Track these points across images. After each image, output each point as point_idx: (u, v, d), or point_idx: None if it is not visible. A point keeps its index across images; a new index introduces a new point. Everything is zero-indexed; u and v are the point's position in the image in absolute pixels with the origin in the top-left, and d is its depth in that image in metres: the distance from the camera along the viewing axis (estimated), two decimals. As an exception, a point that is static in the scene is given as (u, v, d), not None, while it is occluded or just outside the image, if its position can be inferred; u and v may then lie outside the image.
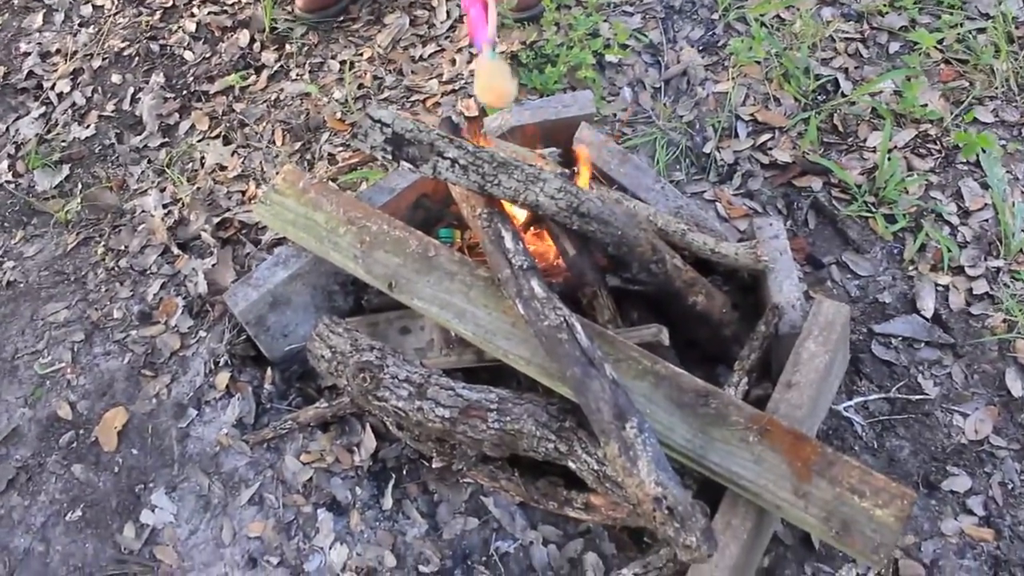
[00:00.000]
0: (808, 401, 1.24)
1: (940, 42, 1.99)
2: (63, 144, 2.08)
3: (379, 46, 2.15)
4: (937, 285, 1.64)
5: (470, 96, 1.52)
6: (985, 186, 1.76)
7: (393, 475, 1.48)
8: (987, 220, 1.72)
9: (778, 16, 2.09)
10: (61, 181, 2.02)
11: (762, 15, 2.08)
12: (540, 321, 1.19)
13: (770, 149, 1.86)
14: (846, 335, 1.37)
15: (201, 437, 1.55)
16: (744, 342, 1.41)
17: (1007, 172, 1.77)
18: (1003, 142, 1.82)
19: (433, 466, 1.44)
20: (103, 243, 1.86)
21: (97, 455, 1.56)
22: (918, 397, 1.52)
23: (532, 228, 1.45)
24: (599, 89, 1.94)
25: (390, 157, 1.31)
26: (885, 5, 2.08)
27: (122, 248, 1.85)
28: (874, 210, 1.74)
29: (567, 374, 1.15)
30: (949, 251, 1.65)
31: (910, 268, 1.66)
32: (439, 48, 2.13)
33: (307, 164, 1.93)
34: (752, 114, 1.91)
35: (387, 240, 1.42)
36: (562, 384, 1.21)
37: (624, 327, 1.36)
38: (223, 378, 1.59)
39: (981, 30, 2.00)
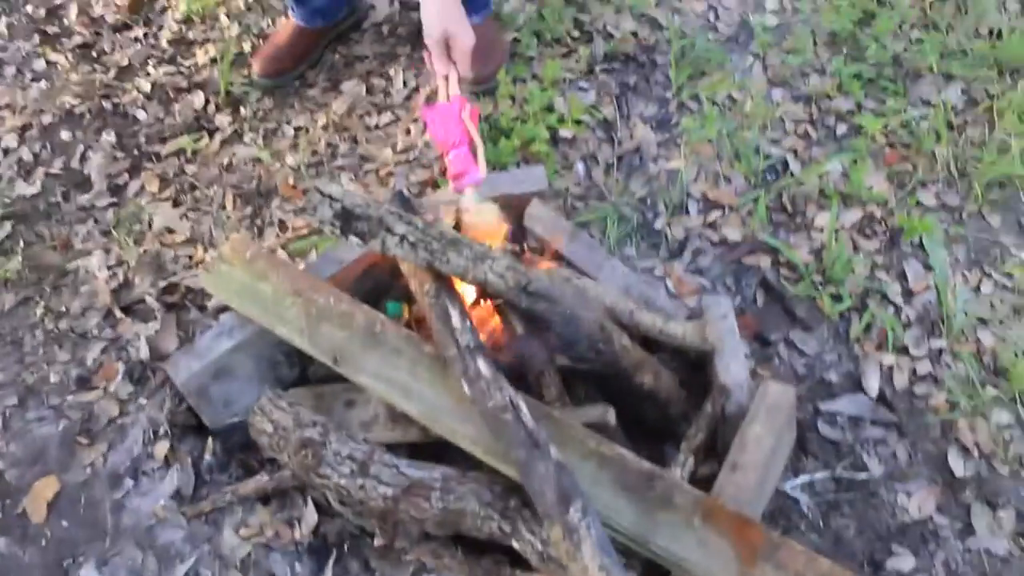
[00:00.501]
0: (754, 484, 1.24)
1: (885, 126, 2.05)
2: (6, 200, 2.04)
3: (334, 113, 2.16)
4: (882, 364, 1.67)
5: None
6: (928, 267, 1.81)
7: (334, 551, 1.45)
8: (930, 301, 1.77)
9: (730, 96, 2.15)
10: (2, 239, 1.97)
11: (714, 94, 2.13)
12: (486, 401, 1.19)
13: (720, 226, 1.89)
14: (792, 417, 1.39)
15: (137, 509, 1.51)
16: (691, 420, 1.43)
17: (949, 254, 1.83)
18: (945, 225, 1.88)
19: (375, 543, 1.41)
20: (43, 304, 1.83)
21: (24, 527, 1.50)
22: (863, 476, 1.53)
23: (481, 303, 1.46)
24: (552, 163, 1.97)
25: (339, 232, 1.32)
26: (833, 89, 2.15)
27: (62, 310, 1.81)
28: (821, 289, 1.78)
29: (512, 456, 1.15)
30: (893, 331, 1.69)
31: (856, 347, 1.69)
32: (394, 117, 2.15)
33: (257, 229, 1.93)
34: (703, 192, 1.95)
35: (333, 314, 1.41)
36: (507, 464, 1.20)
37: (571, 406, 1.36)
38: (162, 448, 1.56)
39: (923, 117, 2.08)
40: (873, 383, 1.63)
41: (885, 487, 1.52)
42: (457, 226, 1.51)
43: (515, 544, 1.19)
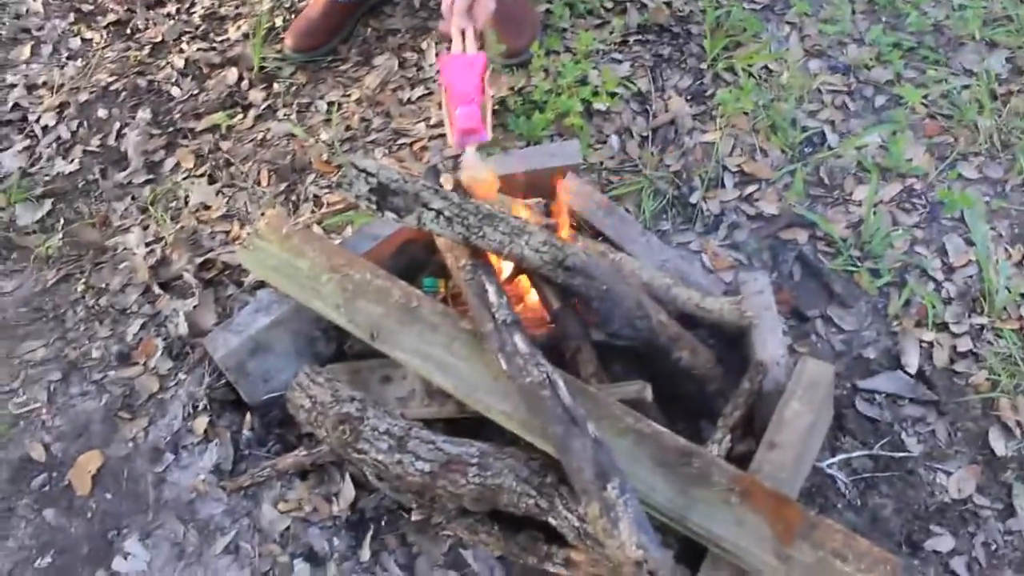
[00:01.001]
0: (791, 462, 1.24)
1: (925, 97, 2.02)
2: (46, 178, 2.07)
3: (367, 87, 2.16)
4: (921, 341, 1.64)
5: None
6: (970, 242, 1.78)
7: (372, 526, 1.47)
8: (971, 276, 1.74)
9: (766, 67, 2.12)
10: (43, 216, 2.00)
11: (750, 65, 2.10)
12: (522, 377, 1.19)
13: (756, 200, 1.87)
14: (830, 394, 1.38)
15: (177, 483, 1.53)
16: (728, 397, 1.41)
17: (991, 228, 1.80)
18: (987, 198, 1.85)
19: (412, 518, 1.43)
20: (84, 280, 1.85)
21: (70, 499, 1.53)
22: (901, 454, 1.51)
23: (517, 279, 1.47)
24: (586, 137, 1.95)
25: (375, 207, 1.32)
26: (871, 59, 2.11)
27: (103, 286, 1.84)
28: (859, 264, 1.76)
29: (549, 431, 1.15)
30: (934, 307, 1.67)
31: (895, 324, 1.67)
32: (427, 91, 2.14)
33: (292, 206, 1.93)
34: (739, 165, 1.92)
35: (370, 289, 1.42)
36: (544, 440, 1.20)
37: (608, 382, 1.36)
38: (201, 423, 1.58)
39: (965, 86, 2.04)
40: (912, 360, 1.61)
41: (924, 467, 1.50)
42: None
43: (552, 520, 1.20)
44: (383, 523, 1.46)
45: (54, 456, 1.59)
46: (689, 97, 2.08)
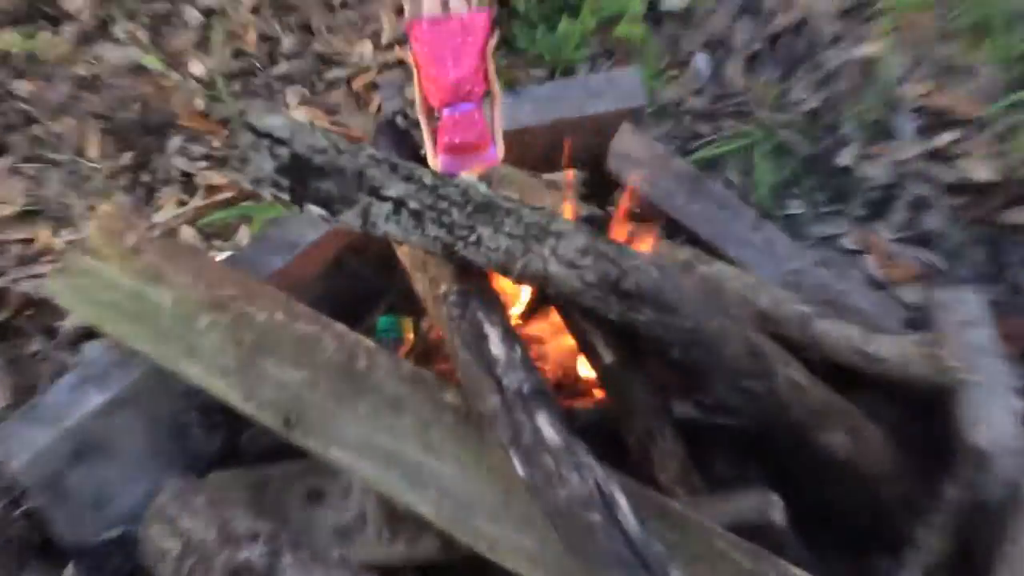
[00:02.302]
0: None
1: None
2: None
3: None
4: None
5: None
6: None
7: None
8: None
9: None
10: None
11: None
12: (552, 489, 1.17)
13: (956, 159, 1.87)
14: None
15: None
16: (921, 511, 1.40)
17: None
18: None
19: None
20: None
21: None
22: None
23: (540, 315, 1.48)
24: (652, 58, 1.95)
25: (287, 197, 1.28)
26: None
27: None
28: None
29: (603, 587, 1.12)
30: None
31: None
32: None
33: (145, 192, 1.93)
34: (923, 97, 1.92)
35: (282, 339, 1.42)
36: (595, 603, 1.18)
37: (704, 492, 1.35)
38: (-14, 585, 1.56)
39: None
40: None
41: None
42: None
43: None
44: None
45: None
46: (832, -20, 2.07)
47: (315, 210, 1.29)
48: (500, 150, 1.43)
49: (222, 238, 1.81)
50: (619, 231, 1.51)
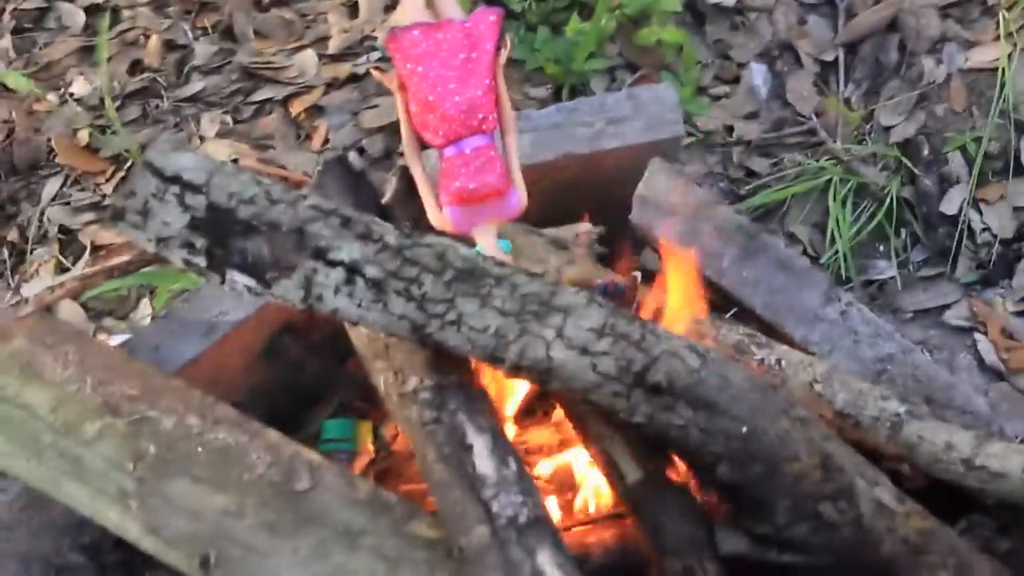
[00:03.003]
0: None
1: None
2: None
3: None
4: None
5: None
6: None
7: None
8: None
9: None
10: None
11: None
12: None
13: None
14: None
15: None
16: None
17: None
18: None
19: None
20: None
21: None
22: None
23: (541, 416, 1.49)
24: (691, 72, 1.86)
25: (202, 262, 1.16)
26: None
27: None
28: None
29: None
30: None
31: None
32: None
33: (10, 255, 1.81)
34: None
35: (197, 452, 1.28)
36: None
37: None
38: None
39: None
40: None
41: None
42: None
43: None
44: None
45: None
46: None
47: (240, 279, 1.18)
48: (522, 195, 1.34)
49: (116, 316, 1.72)
50: (647, 305, 1.44)
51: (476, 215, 1.33)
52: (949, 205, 1.76)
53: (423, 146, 1.34)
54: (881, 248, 1.76)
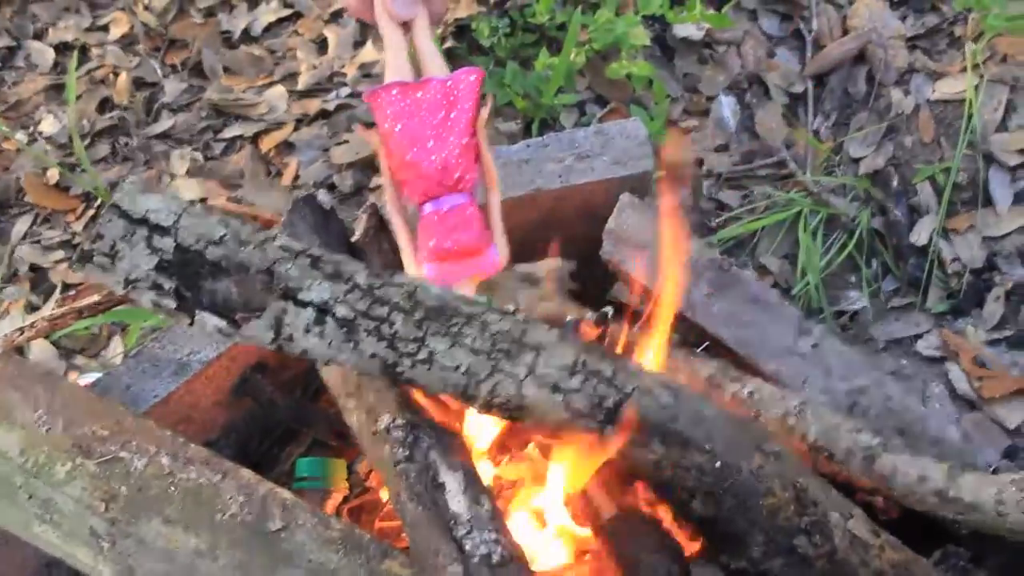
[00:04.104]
0: None
1: None
2: None
3: (148, 8, 2.09)
4: None
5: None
6: None
7: None
8: None
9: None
10: None
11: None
12: None
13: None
14: None
15: None
16: None
17: None
18: None
19: None
20: None
21: None
22: None
23: (513, 453, 1.48)
24: (662, 103, 1.86)
25: (172, 303, 1.16)
26: None
27: None
28: None
29: None
30: None
31: None
32: (289, 8, 2.07)
33: None
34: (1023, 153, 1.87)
35: (169, 493, 1.28)
36: None
37: None
38: None
39: None
40: None
41: None
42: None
43: None
44: None
45: None
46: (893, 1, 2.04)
47: (211, 320, 1.19)
48: (503, 252, 1.35)
49: (87, 354, 1.73)
50: (618, 341, 1.43)
51: (454, 272, 1.34)
52: (919, 236, 1.78)
53: (404, 203, 1.35)
54: (852, 279, 1.77)
